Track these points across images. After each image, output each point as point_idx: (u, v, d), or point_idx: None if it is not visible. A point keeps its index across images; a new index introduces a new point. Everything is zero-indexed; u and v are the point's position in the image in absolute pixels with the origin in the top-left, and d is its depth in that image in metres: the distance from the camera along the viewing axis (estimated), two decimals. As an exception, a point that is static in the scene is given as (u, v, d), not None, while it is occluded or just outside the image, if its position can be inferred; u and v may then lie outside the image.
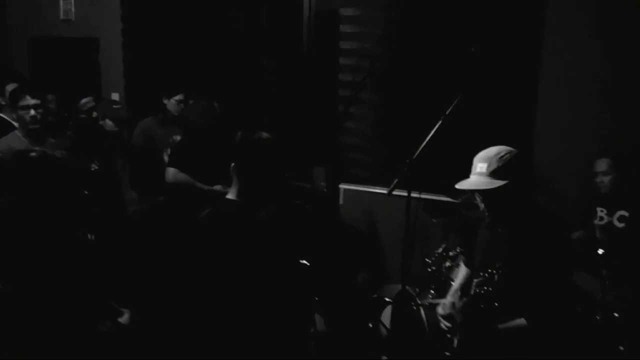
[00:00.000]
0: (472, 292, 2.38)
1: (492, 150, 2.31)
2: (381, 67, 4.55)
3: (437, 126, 3.14)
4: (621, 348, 2.92)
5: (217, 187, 3.86)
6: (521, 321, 2.25)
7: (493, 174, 2.24)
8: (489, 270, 2.27)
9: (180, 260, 1.63)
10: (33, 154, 2.42)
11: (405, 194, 3.54)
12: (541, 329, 2.23)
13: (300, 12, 4.83)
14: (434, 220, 4.07)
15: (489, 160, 2.26)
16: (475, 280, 2.36)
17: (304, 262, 3.34)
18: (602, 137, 3.85)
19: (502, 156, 2.25)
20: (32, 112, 3.69)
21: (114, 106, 4.30)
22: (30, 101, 3.71)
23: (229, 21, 5.15)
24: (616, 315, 3.02)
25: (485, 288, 2.28)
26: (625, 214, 3.52)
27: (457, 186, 2.34)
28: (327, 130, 4.78)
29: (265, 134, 2.21)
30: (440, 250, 3.92)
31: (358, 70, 4.61)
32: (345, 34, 4.72)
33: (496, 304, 2.28)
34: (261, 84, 5.16)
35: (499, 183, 2.21)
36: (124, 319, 1.60)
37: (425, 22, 4.40)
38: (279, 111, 5.08)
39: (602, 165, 3.54)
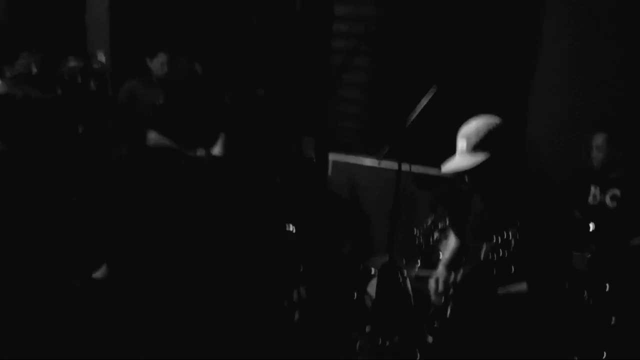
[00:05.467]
0: (481, 258, 2.30)
1: (471, 126, 2.27)
2: (376, 33, 4.43)
3: (431, 93, 3.06)
4: (613, 319, 2.89)
5: (200, 152, 3.76)
6: (522, 286, 2.21)
7: (474, 149, 2.21)
8: (504, 235, 2.21)
9: (159, 211, 1.56)
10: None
11: (395, 165, 3.49)
12: (542, 294, 2.19)
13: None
14: (423, 190, 4.02)
15: (467, 137, 2.24)
16: (486, 246, 2.29)
17: (291, 228, 3.27)
18: (598, 113, 3.79)
19: (480, 130, 2.22)
20: (34, 69, 3.74)
21: (94, 66, 4.18)
22: (31, 58, 3.76)
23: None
24: (607, 286, 2.99)
25: (500, 253, 2.21)
26: (618, 193, 3.46)
27: (442, 170, 2.31)
28: (318, 99, 4.67)
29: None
30: (428, 222, 3.86)
31: (352, 37, 4.50)
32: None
33: (513, 270, 2.23)
34: (251, 52, 5.01)
35: (480, 158, 2.18)
36: (99, 273, 1.52)
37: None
38: (268, 78, 4.95)
39: (598, 139, 3.47)
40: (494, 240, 2.20)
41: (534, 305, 2.20)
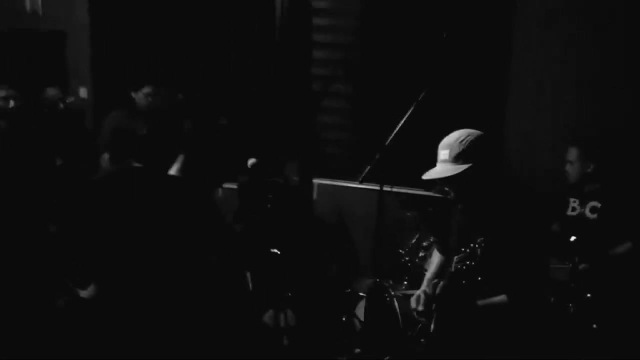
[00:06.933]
0: (452, 269, 2.34)
1: (453, 136, 2.31)
2: (354, 59, 4.52)
3: (409, 112, 3.13)
4: (594, 326, 2.93)
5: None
6: (502, 298, 2.23)
7: (456, 159, 2.24)
8: (471, 245, 2.25)
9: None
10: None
11: (377, 187, 3.53)
12: (522, 305, 2.21)
13: (272, 5, 4.77)
14: (408, 213, 4.05)
15: (450, 147, 2.27)
16: (455, 257, 2.33)
17: (275, 250, 3.29)
18: (574, 127, 3.88)
19: (463, 140, 2.25)
20: (12, 102, 3.74)
21: (67, 101, 4.22)
22: (10, 92, 3.77)
23: (199, 13, 5.05)
24: (589, 295, 3.03)
25: (468, 263, 2.25)
26: (597, 204, 3.53)
27: (424, 177, 2.34)
28: (300, 124, 4.73)
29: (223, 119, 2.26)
30: (413, 241, 3.90)
31: (331, 63, 4.59)
32: (318, 26, 4.69)
33: (479, 278, 2.26)
34: (232, 78, 5.07)
35: (463, 167, 2.21)
36: (85, 292, 1.53)
37: (397, 13, 4.38)
38: (251, 105, 5.00)
39: (571, 153, 3.55)
40: (463, 251, 2.24)
41: (514, 316, 2.22)
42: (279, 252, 3.36)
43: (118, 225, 1.60)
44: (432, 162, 2.40)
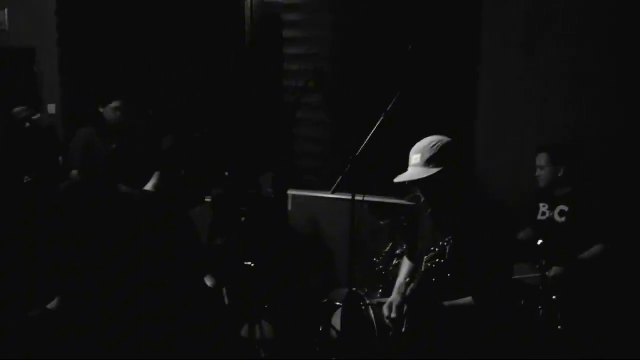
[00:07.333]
0: (422, 269, 2.40)
1: (424, 141, 2.41)
2: (325, 70, 4.55)
3: (378, 123, 3.18)
4: (559, 327, 2.99)
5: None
6: (468, 300, 2.29)
7: (427, 163, 2.33)
8: (440, 244, 2.31)
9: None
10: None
11: (350, 197, 3.55)
12: (487, 307, 2.27)
13: (242, 18, 4.79)
14: (381, 222, 4.09)
15: (422, 151, 2.37)
16: (425, 257, 2.39)
17: (249, 263, 3.29)
18: (543, 132, 3.95)
19: (434, 145, 2.35)
20: None
21: (32, 117, 4.18)
22: None
23: (168, 27, 5.05)
24: (554, 297, 3.08)
25: (437, 261, 2.32)
26: (565, 208, 3.59)
27: (396, 180, 2.44)
28: (273, 136, 4.75)
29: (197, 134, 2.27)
30: (387, 249, 3.93)
31: (303, 76, 4.61)
32: (288, 39, 4.71)
33: (449, 275, 2.33)
34: (205, 91, 5.07)
35: (434, 171, 2.31)
36: (53, 304, 1.54)
37: (369, 24, 4.43)
38: (225, 119, 5.00)
39: (540, 159, 3.61)
40: (432, 250, 2.30)
41: (482, 318, 2.27)
42: (253, 265, 3.36)
43: (84, 240, 1.60)
44: (404, 171, 2.47)
